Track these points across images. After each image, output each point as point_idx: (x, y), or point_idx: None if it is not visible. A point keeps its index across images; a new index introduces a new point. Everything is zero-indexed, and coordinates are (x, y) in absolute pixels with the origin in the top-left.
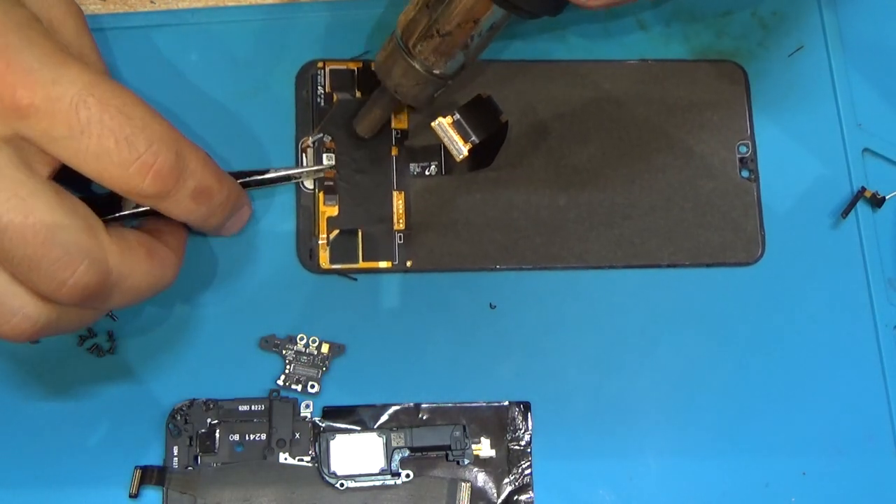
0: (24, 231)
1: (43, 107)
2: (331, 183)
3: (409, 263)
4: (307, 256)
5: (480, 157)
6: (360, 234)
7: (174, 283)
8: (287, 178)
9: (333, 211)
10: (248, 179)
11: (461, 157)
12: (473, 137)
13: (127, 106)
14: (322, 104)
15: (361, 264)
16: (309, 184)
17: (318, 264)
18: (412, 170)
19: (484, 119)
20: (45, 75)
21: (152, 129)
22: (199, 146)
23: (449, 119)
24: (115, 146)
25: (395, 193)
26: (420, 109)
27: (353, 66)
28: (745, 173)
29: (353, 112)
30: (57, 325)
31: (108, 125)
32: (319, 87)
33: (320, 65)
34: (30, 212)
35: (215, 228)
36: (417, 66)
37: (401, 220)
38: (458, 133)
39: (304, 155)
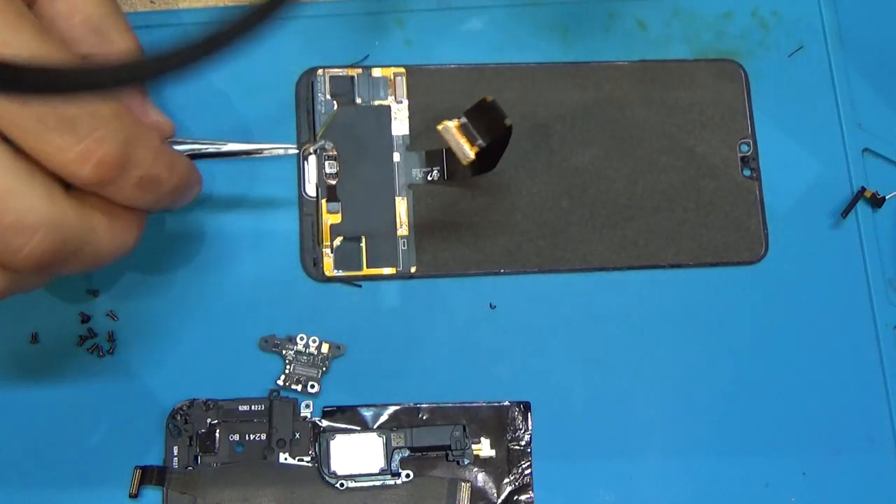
0: None
1: None
2: (332, 183)
3: (413, 269)
4: (311, 264)
5: (483, 161)
6: (363, 241)
7: (176, 292)
8: (247, 153)
9: (336, 218)
10: (202, 152)
11: (468, 160)
12: (480, 141)
13: None
14: (323, 111)
15: (365, 271)
16: (311, 191)
17: (323, 272)
18: (414, 175)
19: (489, 123)
20: None
21: (101, 112)
22: (154, 130)
23: (455, 123)
24: (56, 126)
25: (397, 199)
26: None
27: (353, 73)
28: (746, 172)
29: (354, 119)
30: (16, 289)
31: None
32: (319, 94)
33: (320, 72)
34: None
35: (161, 210)
36: None
37: (404, 226)
38: (465, 137)
39: (305, 162)
